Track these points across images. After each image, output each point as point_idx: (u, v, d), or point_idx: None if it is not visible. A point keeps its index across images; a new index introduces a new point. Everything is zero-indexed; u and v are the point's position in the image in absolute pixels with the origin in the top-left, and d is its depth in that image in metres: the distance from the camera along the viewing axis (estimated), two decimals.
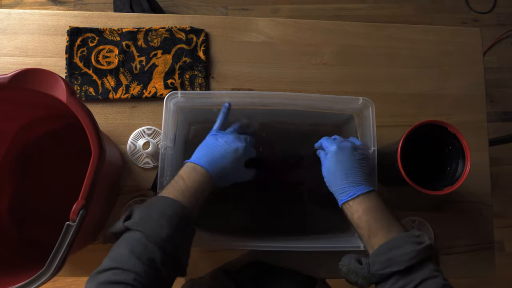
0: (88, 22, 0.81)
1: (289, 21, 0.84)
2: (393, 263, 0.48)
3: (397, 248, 0.50)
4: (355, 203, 0.57)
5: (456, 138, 0.65)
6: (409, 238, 0.51)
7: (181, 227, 0.50)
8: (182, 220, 0.51)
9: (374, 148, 0.64)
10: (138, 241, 0.47)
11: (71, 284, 1.43)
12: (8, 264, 0.60)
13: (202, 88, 0.80)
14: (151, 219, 0.49)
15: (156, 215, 0.49)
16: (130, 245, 0.46)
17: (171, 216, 0.50)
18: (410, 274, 0.47)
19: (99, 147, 0.51)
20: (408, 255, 0.48)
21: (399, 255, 0.49)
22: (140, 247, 0.46)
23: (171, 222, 0.49)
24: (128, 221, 0.49)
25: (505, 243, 1.58)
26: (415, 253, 0.48)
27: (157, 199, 0.53)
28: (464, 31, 0.86)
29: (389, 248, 0.50)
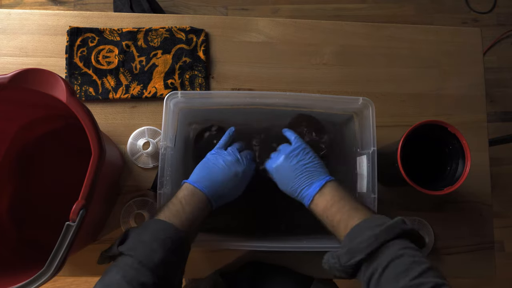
0: (88, 22, 0.81)
1: (289, 21, 0.84)
2: (356, 252, 0.47)
3: (358, 237, 0.49)
4: (313, 204, 0.57)
5: (456, 138, 0.65)
6: (369, 222, 0.50)
7: (174, 250, 0.50)
8: (175, 243, 0.50)
9: (374, 148, 0.64)
10: (130, 266, 0.47)
11: (71, 284, 1.43)
12: (8, 264, 0.60)
13: (202, 88, 0.80)
14: (144, 244, 0.49)
15: (149, 239, 0.50)
16: (122, 271, 0.46)
17: (164, 240, 0.50)
18: (376, 259, 0.46)
19: (99, 147, 0.51)
20: (367, 241, 0.47)
21: (359, 243, 0.48)
22: (132, 272, 0.46)
23: (163, 246, 0.49)
24: (121, 246, 0.50)
25: (505, 243, 1.58)
26: (374, 237, 0.47)
27: (152, 222, 0.53)
28: (464, 31, 0.86)
29: (350, 238, 0.50)
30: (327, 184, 0.57)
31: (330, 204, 0.55)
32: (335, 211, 0.54)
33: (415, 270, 0.43)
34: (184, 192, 0.57)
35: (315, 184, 0.58)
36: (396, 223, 0.49)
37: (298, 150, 0.61)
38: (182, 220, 0.54)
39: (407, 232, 0.48)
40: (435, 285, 0.41)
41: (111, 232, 0.75)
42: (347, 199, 0.55)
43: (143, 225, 0.53)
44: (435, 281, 0.41)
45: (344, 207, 0.54)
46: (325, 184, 0.57)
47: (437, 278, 0.42)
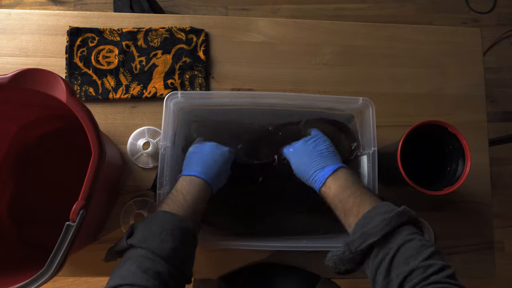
0: (88, 22, 0.81)
1: (289, 21, 0.84)
2: (368, 236, 0.49)
3: (370, 222, 0.50)
4: (326, 187, 0.58)
5: (456, 138, 0.65)
6: (380, 209, 0.51)
7: (183, 240, 0.51)
8: (183, 233, 0.52)
9: (374, 148, 0.64)
10: (144, 256, 0.48)
11: (71, 284, 1.42)
12: (8, 264, 0.60)
13: (202, 88, 0.80)
14: (154, 235, 0.50)
15: (158, 230, 0.50)
16: (136, 261, 0.47)
17: (173, 230, 0.51)
18: (387, 243, 0.48)
19: (99, 147, 0.51)
20: (380, 225, 0.48)
21: (372, 228, 0.49)
22: (147, 262, 0.47)
23: (173, 236, 0.50)
24: (130, 239, 0.50)
25: (505, 243, 1.58)
26: (387, 221, 0.48)
27: (157, 214, 0.54)
28: (464, 31, 0.86)
29: (362, 224, 0.51)
30: (341, 169, 0.59)
31: (343, 187, 0.57)
32: (349, 194, 0.56)
33: (424, 253, 0.45)
34: (182, 183, 0.59)
35: (328, 167, 0.59)
36: (404, 210, 0.51)
37: (316, 138, 0.65)
38: (186, 210, 0.55)
39: (414, 219, 0.51)
40: (443, 266, 0.44)
41: (111, 232, 0.75)
42: (360, 185, 0.57)
43: (150, 218, 0.53)
44: (442, 263, 0.44)
45: (357, 192, 0.56)
46: (338, 169, 0.59)
47: (443, 261, 0.45)
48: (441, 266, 0.44)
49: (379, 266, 0.47)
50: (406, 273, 0.44)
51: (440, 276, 0.43)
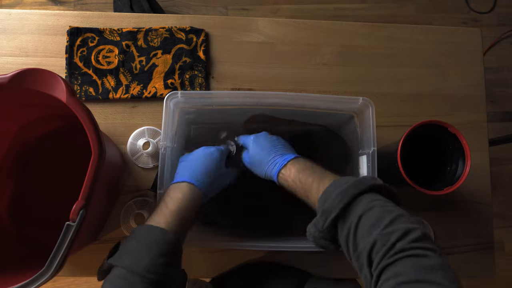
0: (88, 22, 0.81)
1: (289, 21, 0.84)
2: (329, 213, 0.47)
3: (328, 198, 0.48)
4: (286, 170, 0.58)
5: (456, 138, 0.65)
6: (338, 182, 0.50)
7: (162, 253, 0.49)
8: (161, 245, 0.50)
9: (374, 148, 0.64)
10: (120, 277, 0.47)
11: (71, 284, 1.42)
12: (8, 264, 0.60)
13: (202, 88, 0.80)
14: (129, 252, 0.49)
15: (134, 246, 0.49)
16: (113, 283, 0.46)
17: (149, 245, 0.49)
18: (349, 216, 0.46)
19: (99, 147, 0.51)
20: (336, 199, 0.47)
21: (330, 202, 0.47)
22: (121, 282, 0.46)
23: (150, 251, 0.49)
24: (110, 259, 0.50)
25: (505, 243, 1.58)
26: (343, 193, 0.47)
27: (138, 229, 0.53)
28: (464, 31, 0.86)
29: (323, 201, 0.49)
30: (298, 157, 0.60)
31: (303, 168, 0.57)
32: (308, 174, 0.55)
33: (386, 219, 0.42)
34: (167, 190, 0.58)
35: (288, 154, 0.60)
36: (364, 179, 0.49)
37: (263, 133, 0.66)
38: (167, 219, 0.53)
39: (378, 187, 0.48)
40: (406, 230, 0.41)
41: (111, 232, 0.75)
42: (319, 167, 0.57)
43: (130, 234, 0.53)
44: (405, 227, 0.41)
45: (316, 171, 0.56)
46: (296, 157, 0.60)
47: (408, 223, 0.42)
48: (405, 231, 0.41)
49: (347, 241, 0.45)
50: (370, 245, 0.41)
51: (406, 242, 0.40)
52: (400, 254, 0.39)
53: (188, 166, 0.61)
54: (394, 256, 0.39)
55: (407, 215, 0.44)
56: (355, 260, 0.44)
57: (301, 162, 0.58)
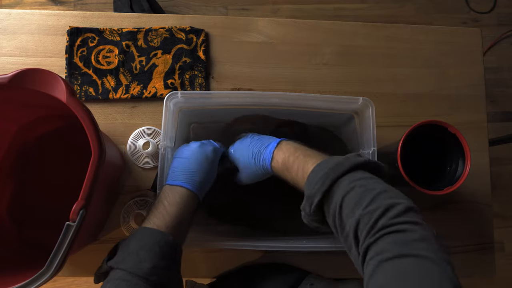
0: (88, 22, 0.81)
1: (289, 21, 0.84)
2: (313, 197, 0.47)
3: (311, 182, 0.47)
4: (274, 162, 0.57)
5: (456, 138, 0.65)
6: (321, 166, 0.49)
7: (163, 256, 0.49)
8: (162, 248, 0.50)
9: (374, 148, 0.64)
10: (121, 278, 0.46)
11: (71, 284, 1.42)
12: (8, 264, 0.60)
13: (202, 88, 0.80)
14: (131, 254, 0.49)
15: (135, 248, 0.49)
16: (114, 285, 0.46)
17: (151, 247, 0.49)
18: (332, 199, 0.45)
19: (99, 147, 0.51)
20: (318, 182, 0.46)
21: (313, 187, 0.46)
22: (123, 284, 0.46)
23: (152, 253, 0.48)
24: (110, 261, 0.49)
25: (505, 243, 1.58)
26: (325, 176, 0.46)
27: (137, 231, 0.52)
28: (464, 31, 0.86)
29: (307, 186, 0.48)
30: (282, 141, 0.58)
31: (287, 155, 0.55)
32: (292, 161, 0.54)
33: (367, 198, 0.42)
34: (165, 193, 0.57)
35: (271, 144, 0.59)
36: (345, 159, 0.48)
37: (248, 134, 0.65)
38: (167, 222, 0.53)
39: (361, 165, 0.47)
40: (388, 206, 0.40)
41: (111, 232, 0.75)
42: (302, 149, 0.55)
43: (130, 236, 0.52)
44: (387, 203, 0.40)
45: (299, 156, 0.54)
46: (280, 142, 0.58)
47: (390, 199, 0.41)
48: (386, 207, 0.40)
49: (334, 223, 0.45)
50: (355, 224, 0.41)
51: (387, 218, 0.39)
52: (381, 232, 0.39)
53: (185, 167, 0.59)
54: (376, 235, 0.39)
55: (391, 190, 0.43)
56: (344, 241, 0.44)
57: (284, 148, 0.57)
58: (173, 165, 0.61)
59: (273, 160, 0.57)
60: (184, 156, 0.61)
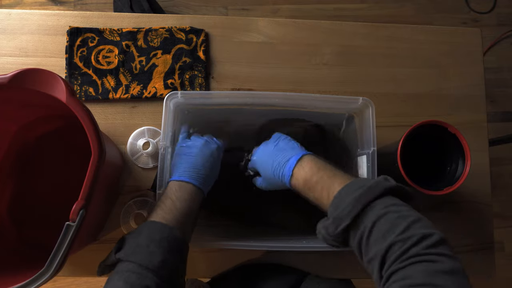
0: (88, 22, 0.81)
1: (289, 21, 0.84)
2: (340, 220, 0.46)
3: (341, 203, 0.47)
4: (294, 180, 0.56)
5: (456, 138, 0.65)
6: (350, 188, 0.48)
7: (172, 250, 0.50)
8: (171, 243, 0.50)
9: (374, 148, 0.64)
10: (131, 271, 0.47)
11: (71, 284, 1.42)
12: (8, 264, 0.60)
13: (202, 88, 0.80)
14: (141, 247, 0.49)
15: (145, 242, 0.49)
16: (123, 276, 0.46)
17: (160, 241, 0.49)
18: (361, 223, 0.45)
19: (99, 147, 0.51)
20: (349, 206, 0.46)
21: (342, 210, 0.46)
22: (134, 276, 0.46)
23: (161, 248, 0.49)
24: (119, 253, 0.49)
25: (505, 243, 1.58)
26: (355, 201, 0.45)
27: (146, 224, 0.52)
28: (464, 31, 0.86)
29: (334, 207, 0.48)
30: (304, 157, 0.56)
31: (309, 175, 0.54)
32: (316, 181, 0.53)
33: (401, 225, 0.41)
34: (173, 188, 0.57)
35: (292, 158, 0.57)
36: (376, 183, 0.47)
37: (274, 138, 0.63)
38: (177, 217, 0.54)
39: (391, 190, 0.47)
40: (422, 236, 0.40)
41: (111, 232, 0.75)
42: (326, 168, 0.54)
43: (138, 229, 0.52)
44: (421, 232, 0.40)
45: (323, 176, 0.53)
46: (302, 157, 0.56)
47: (425, 228, 0.41)
48: (422, 236, 0.40)
49: (359, 245, 0.45)
50: (384, 251, 0.41)
51: (420, 247, 0.39)
52: (412, 259, 0.38)
53: (191, 165, 0.60)
54: (406, 261, 0.39)
55: (424, 219, 0.43)
56: (367, 262, 0.44)
57: (307, 166, 0.55)
58: (178, 159, 0.61)
59: (293, 178, 0.56)
60: (188, 153, 0.62)
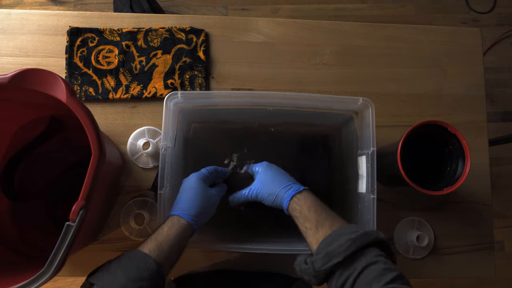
0: (88, 22, 0.81)
1: (289, 21, 0.84)
2: (332, 257, 0.49)
3: (335, 241, 0.50)
4: (293, 203, 0.59)
5: (456, 138, 0.65)
6: (346, 229, 0.52)
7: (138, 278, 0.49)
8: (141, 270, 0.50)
9: (373, 148, 0.64)
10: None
11: (71, 284, 1.42)
12: (8, 264, 0.60)
13: (202, 88, 0.80)
14: (108, 271, 0.50)
15: (114, 267, 0.50)
16: None
17: (128, 267, 0.50)
18: (352, 264, 0.48)
19: (99, 147, 0.51)
20: (344, 245, 0.49)
21: (336, 247, 0.49)
22: None
23: (126, 273, 0.49)
24: (91, 277, 0.51)
25: (505, 243, 1.58)
26: (351, 242, 0.49)
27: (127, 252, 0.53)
28: (464, 31, 0.86)
29: (327, 243, 0.51)
30: (305, 190, 0.61)
31: (308, 206, 0.58)
32: (314, 216, 0.57)
33: (387, 276, 0.45)
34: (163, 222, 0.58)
35: (294, 187, 0.61)
36: (371, 231, 0.51)
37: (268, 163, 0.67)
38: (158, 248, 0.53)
39: (380, 241, 0.51)
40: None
41: (111, 232, 0.75)
42: (325, 208, 0.58)
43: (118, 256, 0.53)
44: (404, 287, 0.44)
45: (322, 212, 0.57)
46: (303, 190, 0.60)
47: (407, 285, 0.45)
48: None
49: (342, 287, 0.47)
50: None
51: None
52: None
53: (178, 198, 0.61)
54: None
55: (405, 277, 0.47)
56: None
57: (307, 198, 0.59)
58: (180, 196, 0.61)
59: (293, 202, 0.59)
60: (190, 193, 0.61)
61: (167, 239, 0.55)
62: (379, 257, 0.48)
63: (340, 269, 0.48)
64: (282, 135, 0.77)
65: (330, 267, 0.49)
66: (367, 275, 0.46)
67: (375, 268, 0.46)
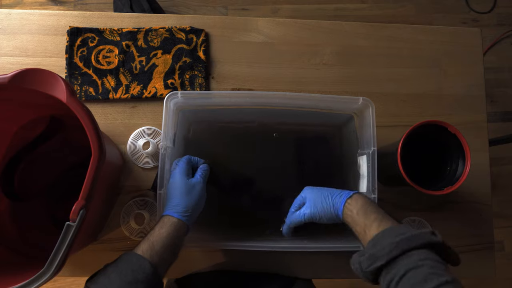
0: (88, 22, 0.81)
1: (289, 21, 0.84)
2: (376, 259, 0.48)
3: (380, 243, 0.50)
4: (347, 209, 0.58)
5: (456, 138, 0.65)
6: (392, 231, 0.50)
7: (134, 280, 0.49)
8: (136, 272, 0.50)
9: (374, 148, 0.64)
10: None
11: (71, 284, 1.43)
12: (8, 264, 0.60)
13: (202, 88, 0.80)
14: (104, 275, 0.50)
15: (110, 270, 0.51)
16: None
17: (123, 270, 0.50)
18: (395, 267, 0.47)
19: (99, 147, 0.51)
20: (387, 248, 0.48)
21: (380, 250, 0.48)
22: None
23: (121, 276, 0.49)
24: (89, 281, 0.51)
25: (505, 243, 1.58)
26: (394, 245, 0.47)
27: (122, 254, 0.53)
28: (464, 31, 0.86)
29: (373, 244, 0.51)
30: (355, 194, 0.60)
31: (357, 211, 0.57)
32: (362, 219, 0.56)
33: (432, 282, 0.42)
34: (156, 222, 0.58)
35: (345, 193, 0.60)
36: (421, 233, 0.49)
37: None
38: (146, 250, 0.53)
39: (433, 244, 0.48)
40: None
41: (111, 232, 0.75)
42: (374, 209, 0.57)
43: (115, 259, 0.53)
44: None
45: (371, 215, 0.56)
46: (353, 194, 0.60)
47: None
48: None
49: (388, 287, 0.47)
50: None
51: None
52: None
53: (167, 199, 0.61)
54: None
55: (457, 283, 0.43)
56: None
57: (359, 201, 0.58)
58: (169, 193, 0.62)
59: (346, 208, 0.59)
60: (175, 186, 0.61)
61: (159, 238, 0.55)
62: (426, 260, 0.45)
63: (384, 271, 0.48)
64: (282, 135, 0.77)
65: (375, 269, 0.48)
66: (410, 279, 0.44)
67: (420, 272, 0.44)
